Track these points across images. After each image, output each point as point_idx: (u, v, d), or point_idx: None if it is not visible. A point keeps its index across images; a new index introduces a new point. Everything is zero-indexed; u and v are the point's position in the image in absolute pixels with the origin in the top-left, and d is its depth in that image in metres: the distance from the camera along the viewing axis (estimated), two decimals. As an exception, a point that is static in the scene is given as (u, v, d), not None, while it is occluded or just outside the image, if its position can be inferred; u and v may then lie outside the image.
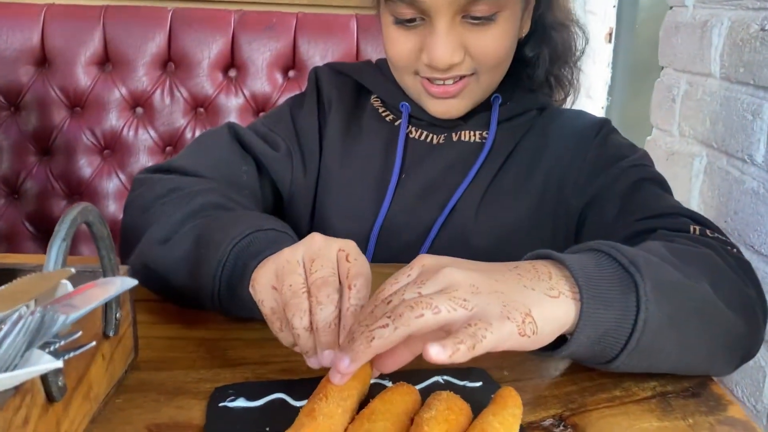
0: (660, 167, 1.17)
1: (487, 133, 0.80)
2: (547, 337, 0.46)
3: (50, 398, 0.38)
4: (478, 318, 0.42)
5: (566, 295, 0.46)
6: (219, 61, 1.32)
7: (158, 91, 1.32)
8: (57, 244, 0.37)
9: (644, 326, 0.47)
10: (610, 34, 1.80)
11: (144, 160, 1.34)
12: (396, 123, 0.82)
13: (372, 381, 0.48)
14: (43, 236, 1.35)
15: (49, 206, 1.34)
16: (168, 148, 1.34)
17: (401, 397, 0.43)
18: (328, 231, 0.57)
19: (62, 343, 0.36)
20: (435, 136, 0.81)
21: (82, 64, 1.30)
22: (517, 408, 0.44)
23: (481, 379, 0.51)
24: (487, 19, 0.70)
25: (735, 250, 0.61)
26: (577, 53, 0.84)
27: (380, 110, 0.84)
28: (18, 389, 0.35)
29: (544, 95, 0.84)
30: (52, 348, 0.36)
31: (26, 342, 0.34)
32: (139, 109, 1.33)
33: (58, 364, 0.33)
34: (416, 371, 0.51)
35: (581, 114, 0.85)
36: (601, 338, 0.48)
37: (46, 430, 0.38)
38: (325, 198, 0.82)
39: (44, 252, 0.60)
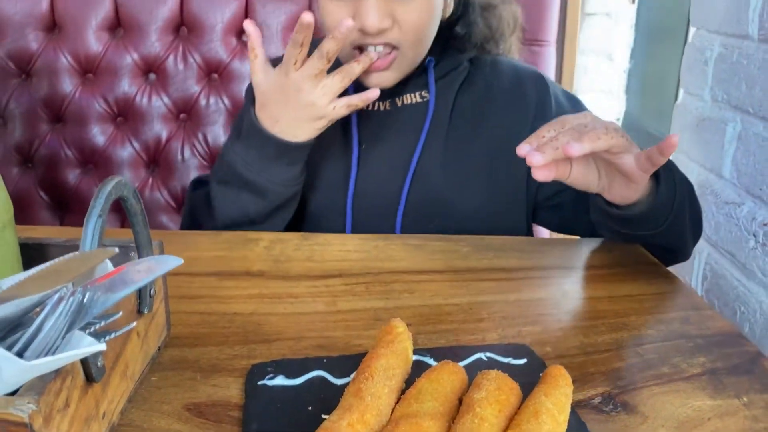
0: (690, 133, 1.14)
1: (427, 92, 0.87)
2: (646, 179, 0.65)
3: (89, 379, 0.37)
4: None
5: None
6: (233, 25, 1.29)
7: (171, 57, 1.29)
8: (93, 221, 0.35)
9: (675, 196, 0.68)
10: (633, -5, 1.75)
11: (158, 127, 1.31)
12: None
13: (414, 358, 0.47)
14: (56, 205, 1.33)
15: (63, 174, 1.32)
16: (182, 115, 1.31)
17: (448, 377, 0.42)
18: (306, 204, 0.83)
19: (102, 324, 0.35)
20: (381, 103, 0.87)
21: (93, 30, 1.27)
22: (568, 387, 0.42)
23: (525, 356, 0.49)
24: None
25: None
26: (512, 29, 0.92)
27: None
28: (58, 372, 0.33)
29: (472, 51, 0.90)
30: (92, 329, 0.34)
31: (67, 323, 0.32)
32: (152, 75, 1.30)
33: (102, 346, 0.32)
34: (458, 347, 0.50)
35: (514, 64, 0.92)
36: (663, 201, 0.68)
37: (86, 411, 0.37)
38: None
39: (58, 220, 0.57)
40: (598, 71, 1.70)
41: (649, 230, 0.70)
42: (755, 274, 0.89)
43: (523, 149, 0.56)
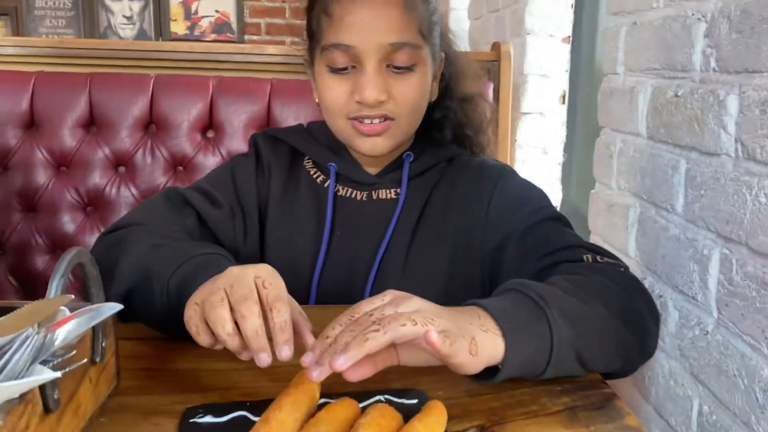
0: (602, 218, 1.28)
1: (400, 190, 0.90)
2: (484, 361, 0.57)
3: (47, 409, 0.46)
4: (444, 333, 0.54)
5: (492, 331, 0.58)
6: (198, 122, 1.42)
7: (140, 151, 1.41)
8: (57, 279, 0.45)
9: (558, 346, 0.60)
10: (564, 96, 1.95)
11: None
12: (325, 184, 0.92)
13: (321, 400, 0.56)
14: (26, 290, 1.40)
15: (33, 261, 1.40)
16: (134, 206, 1.42)
17: (343, 409, 0.52)
18: None
19: (59, 360, 0.44)
20: (359, 193, 0.91)
21: (69, 127, 1.38)
22: (442, 416, 0.52)
23: (417, 397, 0.59)
24: (406, 69, 0.83)
25: (622, 269, 0.76)
26: (487, 122, 0.99)
27: (311, 171, 0.94)
28: (22, 398, 0.42)
29: (452, 149, 0.95)
30: (51, 364, 0.44)
31: (31, 358, 0.42)
32: (122, 168, 1.41)
33: (57, 374, 0.41)
34: (362, 392, 0.59)
35: (483, 162, 0.95)
36: (527, 361, 0.60)
37: (41, 437, 0.46)
38: (269, 255, 0.91)
39: None
40: (535, 165, 1.87)
41: (533, 376, 0.62)
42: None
43: (305, 360, 0.53)
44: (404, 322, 0.52)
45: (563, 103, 1.93)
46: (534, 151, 1.92)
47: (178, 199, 0.89)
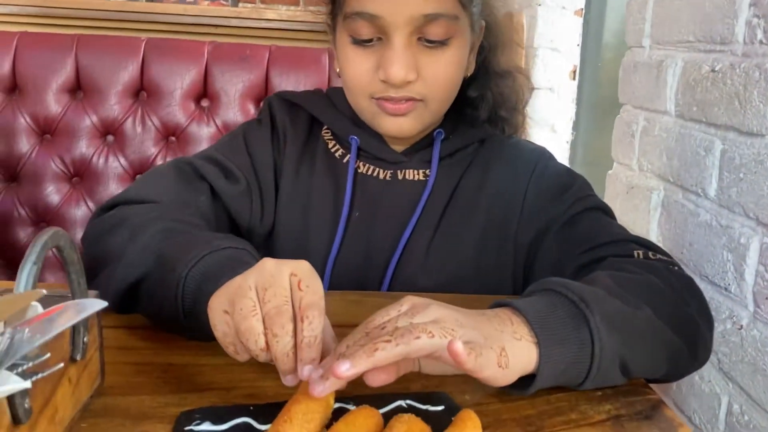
0: (620, 200, 1.21)
1: (429, 171, 0.81)
2: (516, 373, 0.51)
3: (16, 420, 0.39)
4: (469, 345, 0.48)
5: (527, 339, 0.52)
6: (191, 90, 1.34)
7: (129, 120, 1.33)
8: (28, 268, 0.38)
9: (601, 354, 0.53)
10: (574, 72, 1.87)
11: (113, 187, 1.33)
12: (345, 159, 0.83)
13: (336, 405, 0.50)
14: (7, 263, 1.33)
15: (15, 233, 1.32)
16: (138, 176, 1.34)
17: (363, 420, 0.45)
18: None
19: (30, 365, 0.37)
20: (382, 171, 0.82)
21: (54, 92, 1.30)
22: (477, 429, 0.45)
23: (443, 403, 0.52)
24: (440, 44, 0.72)
25: (677, 268, 0.67)
26: (523, 101, 0.87)
27: (329, 144, 0.85)
28: (-16, 410, 0.35)
29: (485, 129, 0.85)
30: (19, 369, 0.36)
31: (-5, 363, 0.34)
32: (110, 137, 1.33)
33: (26, 384, 0.34)
34: (380, 395, 0.52)
35: (518, 144, 0.86)
36: (563, 372, 0.53)
37: (10, 452, 0.39)
38: (279, 234, 0.83)
39: (10, 279, 0.59)
40: (543, 143, 1.79)
41: (571, 386, 0.55)
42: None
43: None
44: (419, 334, 0.46)
45: (573, 78, 1.85)
46: (542, 128, 1.84)
47: (190, 172, 0.79)
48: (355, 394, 0.53)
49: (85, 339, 0.47)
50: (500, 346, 0.50)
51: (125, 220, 0.68)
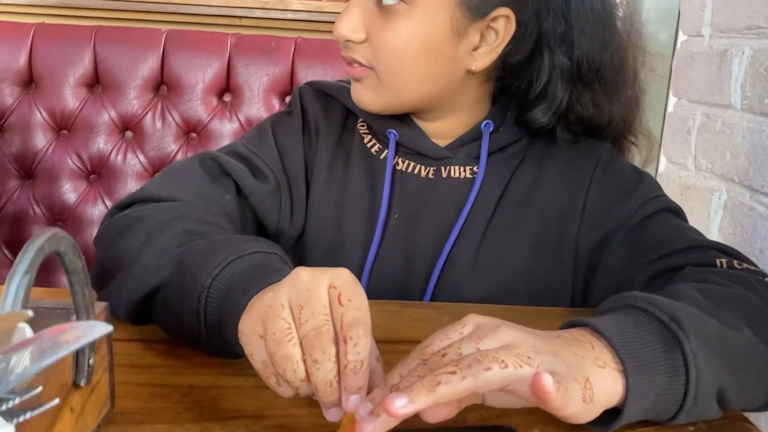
0: (675, 201, 1.12)
1: (477, 168, 0.74)
2: (600, 408, 0.44)
3: (2, 467, 0.31)
4: (556, 377, 0.40)
5: (611, 366, 0.45)
6: (214, 84, 1.28)
7: (149, 115, 1.27)
8: (17, 279, 0.30)
9: (697, 383, 0.45)
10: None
11: (132, 185, 1.28)
12: (382, 155, 0.76)
13: (384, 440, 0.42)
14: (22, 264, 1.28)
15: (30, 233, 1.27)
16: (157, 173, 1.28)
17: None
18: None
19: (17, 401, 0.30)
20: (424, 169, 0.75)
21: (71, 86, 1.25)
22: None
23: (510, 439, 0.45)
24: (394, 11, 0.65)
25: (766, 278, 0.58)
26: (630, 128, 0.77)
27: (365, 138, 0.77)
28: (-41, 459, 0.28)
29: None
30: (4, 407, 0.29)
31: (-29, 401, 0.27)
32: (129, 133, 1.27)
33: (9, 428, 0.27)
34: (434, 429, 0.45)
35: (575, 138, 0.76)
36: (654, 405, 0.46)
37: (-5, 505, 0.31)
38: (310, 238, 0.76)
39: None
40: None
41: (661, 421, 0.48)
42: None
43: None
44: (489, 364, 0.39)
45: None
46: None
47: (214, 168, 0.72)
48: (403, 428, 0.46)
49: (90, 361, 0.40)
50: (584, 377, 0.42)
51: (142, 220, 0.62)
